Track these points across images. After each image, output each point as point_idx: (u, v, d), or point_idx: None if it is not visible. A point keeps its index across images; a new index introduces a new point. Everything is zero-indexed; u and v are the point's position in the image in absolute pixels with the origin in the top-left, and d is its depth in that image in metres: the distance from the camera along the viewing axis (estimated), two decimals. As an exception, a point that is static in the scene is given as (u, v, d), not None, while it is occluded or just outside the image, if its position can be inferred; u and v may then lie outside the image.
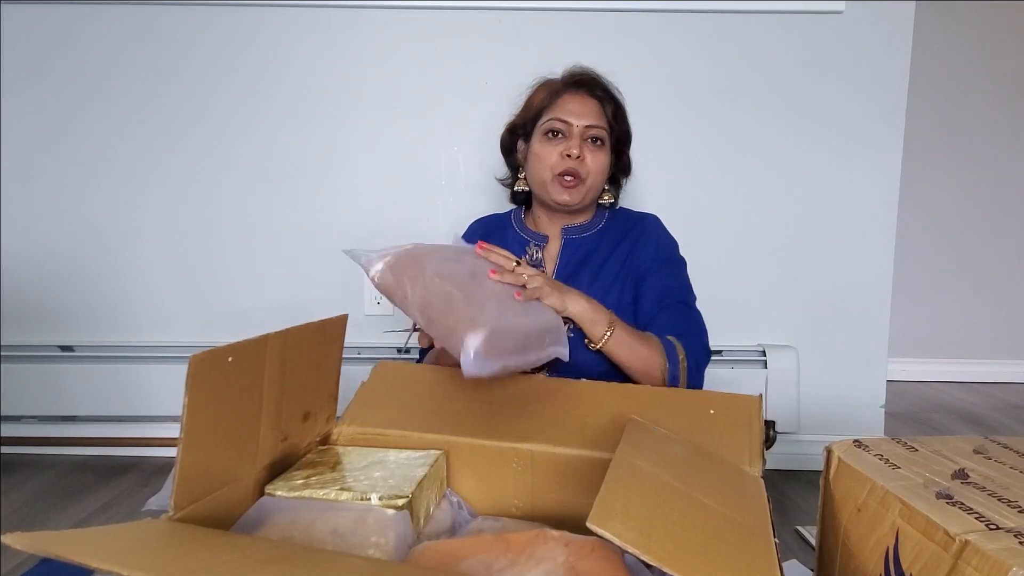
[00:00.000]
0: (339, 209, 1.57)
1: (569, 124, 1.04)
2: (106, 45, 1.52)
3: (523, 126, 1.11)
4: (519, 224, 1.16)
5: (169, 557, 0.47)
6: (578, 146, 1.03)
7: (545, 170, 1.05)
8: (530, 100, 1.11)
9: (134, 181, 1.56)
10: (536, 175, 1.08)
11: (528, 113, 1.09)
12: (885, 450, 0.61)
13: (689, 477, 0.59)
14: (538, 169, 1.07)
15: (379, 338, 1.58)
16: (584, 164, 1.04)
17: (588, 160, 1.04)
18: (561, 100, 1.06)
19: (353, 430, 0.81)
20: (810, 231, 1.55)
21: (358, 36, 1.52)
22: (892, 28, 1.50)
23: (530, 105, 1.10)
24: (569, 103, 1.06)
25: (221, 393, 0.59)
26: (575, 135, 1.04)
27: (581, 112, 1.05)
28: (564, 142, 1.04)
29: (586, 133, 1.05)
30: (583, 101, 1.06)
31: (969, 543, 0.44)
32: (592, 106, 1.06)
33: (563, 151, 1.03)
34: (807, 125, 1.53)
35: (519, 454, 0.75)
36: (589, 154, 1.04)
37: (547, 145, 1.05)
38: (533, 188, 1.11)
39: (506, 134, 1.16)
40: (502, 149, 1.18)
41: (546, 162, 1.05)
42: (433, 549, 0.59)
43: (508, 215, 1.19)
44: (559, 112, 1.05)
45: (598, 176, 1.06)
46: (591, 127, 1.05)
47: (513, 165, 1.18)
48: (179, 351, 1.56)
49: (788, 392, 1.53)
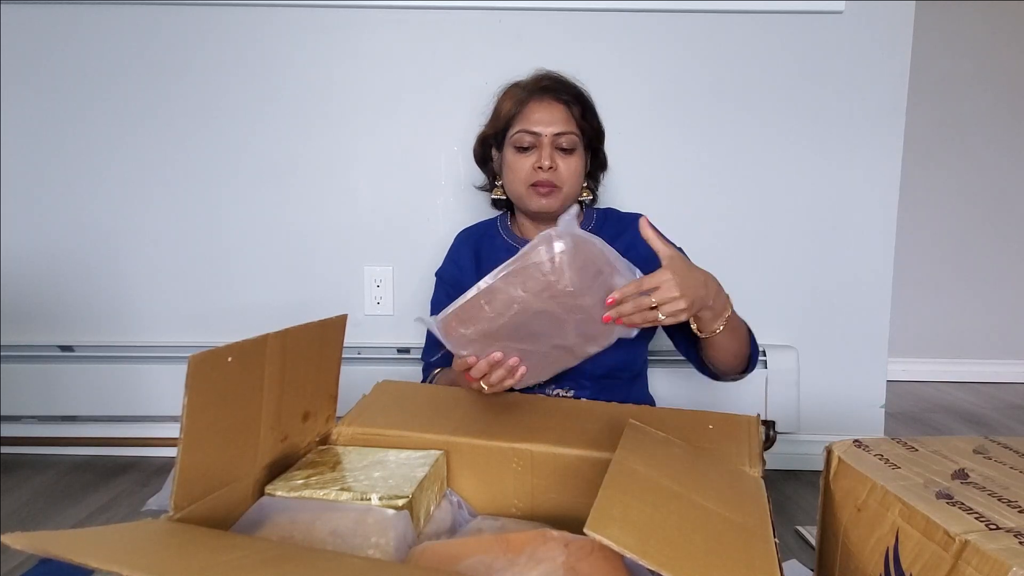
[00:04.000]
0: (339, 209, 1.57)
1: (538, 135, 1.03)
2: (106, 45, 1.52)
3: (494, 136, 1.11)
4: (505, 231, 1.15)
5: (169, 557, 0.47)
6: (549, 156, 1.03)
7: (519, 182, 1.05)
8: (497, 110, 1.10)
9: (134, 181, 1.56)
10: (511, 186, 1.08)
11: (497, 123, 1.09)
12: (885, 450, 0.61)
13: (688, 479, 0.59)
14: (512, 181, 1.07)
15: (379, 338, 1.58)
16: (557, 173, 1.04)
17: (561, 168, 1.04)
18: (527, 109, 1.05)
19: (353, 430, 0.81)
20: (810, 231, 1.55)
21: (358, 36, 1.52)
22: (892, 28, 1.49)
23: (498, 115, 1.09)
24: (535, 112, 1.05)
25: (221, 393, 0.59)
26: (545, 145, 1.03)
27: (548, 120, 1.04)
28: (535, 153, 1.04)
29: (556, 141, 1.04)
30: (549, 108, 1.05)
31: (969, 543, 0.44)
32: (559, 112, 1.05)
33: (535, 163, 1.03)
34: (807, 125, 1.53)
35: (519, 454, 0.75)
36: (561, 162, 1.04)
37: (519, 157, 1.05)
38: (511, 198, 1.11)
39: (478, 145, 1.16)
40: (476, 160, 1.18)
41: (519, 174, 1.05)
42: (433, 549, 0.59)
43: (493, 222, 1.19)
44: (526, 123, 1.04)
45: (573, 180, 1.06)
46: (560, 134, 1.04)
47: (490, 174, 1.18)
48: (179, 351, 1.55)
49: (788, 392, 1.53)
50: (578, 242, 0.75)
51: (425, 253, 1.54)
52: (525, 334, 0.79)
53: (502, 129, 1.08)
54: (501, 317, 0.77)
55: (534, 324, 0.78)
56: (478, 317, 0.77)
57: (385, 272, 1.58)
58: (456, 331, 0.78)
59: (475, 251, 1.15)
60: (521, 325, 0.78)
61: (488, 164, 1.17)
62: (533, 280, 0.75)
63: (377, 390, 0.90)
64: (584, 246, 0.76)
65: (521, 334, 0.79)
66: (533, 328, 0.78)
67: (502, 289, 0.76)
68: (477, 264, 1.13)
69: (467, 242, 1.18)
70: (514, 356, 0.79)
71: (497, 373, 0.79)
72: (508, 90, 1.11)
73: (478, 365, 0.78)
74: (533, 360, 0.82)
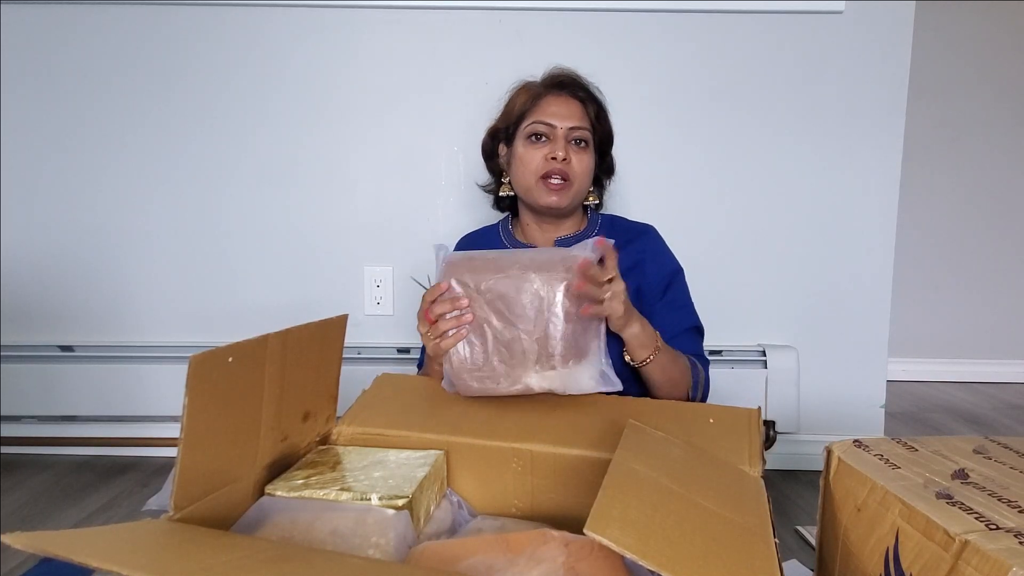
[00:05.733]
0: (339, 209, 1.57)
1: (552, 127, 1.03)
2: (106, 45, 1.52)
3: (505, 130, 1.10)
4: (507, 235, 1.15)
5: (169, 557, 0.47)
6: (563, 148, 1.02)
7: (529, 174, 1.04)
8: (511, 104, 1.09)
9: (134, 181, 1.56)
10: (521, 179, 1.07)
11: (510, 117, 1.08)
12: (885, 450, 0.61)
13: (688, 479, 0.59)
14: (522, 173, 1.05)
15: (379, 338, 1.58)
16: (570, 166, 1.03)
17: (574, 162, 1.03)
18: (543, 102, 1.05)
19: (353, 430, 0.81)
20: (810, 231, 1.55)
21: (358, 36, 1.52)
22: (892, 28, 1.50)
23: (511, 109, 1.09)
24: (551, 105, 1.05)
25: (221, 393, 0.59)
26: (559, 137, 1.03)
27: (564, 114, 1.04)
28: (548, 145, 1.03)
29: (570, 135, 1.04)
30: (566, 103, 1.05)
31: (969, 543, 0.44)
32: (575, 107, 1.05)
33: (548, 154, 1.03)
34: (807, 125, 1.53)
35: (519, 454, 0.75)
36: (574, 156, 1.04)
37: (531, 148, 1.04)
38: (518, 193, 1.10)
39: (487, 139, 1.15)
40: (483, 154, 1.17)
41: (530, 166, 1.04)
42: (433, 549, 0.59)
43: (495, 227, 1.18)
44: (542, 115, 1.04)
45: (584, 177, 1.06)
46: (575, 128, 1.04)
47: (495, 170, 1.17)
48: (179, 351, 1.55)
49: (788, 392, 1.53)
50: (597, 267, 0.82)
51: (425, 253, 1.53)
52: (505, 306, 0.81)
53: (514, 122, 1.07)
54: (499, 271, 0.81)
55: (518, 304, 0.81)
56: (482, 266, 0.83)
57: (385, 272, 1.58)
58: (457, 269, 0.84)
59: None
60: (509, 293, 0.81)
61: (494, 159, 1.15)
62: (551, 267, 0.80)
63: (378, 383, 0.90)
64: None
65: (504, 303, 0.81)
66: (515, 307, 0.81)
67: (520, 254, 0.83)
68: None
69: (468, 248, 1.17)
70: (469, 315, 0.83)
71: (450, 321, 0.82)
72: (522, 85, 1.10)
73: (442, 301, 0.83)
74: (491, 343, 0.83)
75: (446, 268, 0.85)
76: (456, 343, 0.83)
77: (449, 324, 0.83)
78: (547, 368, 0.81)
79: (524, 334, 0.81)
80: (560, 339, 0.80)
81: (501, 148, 1.13)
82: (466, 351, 0.83)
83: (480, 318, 0.82)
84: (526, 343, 0.81)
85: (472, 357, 0.83)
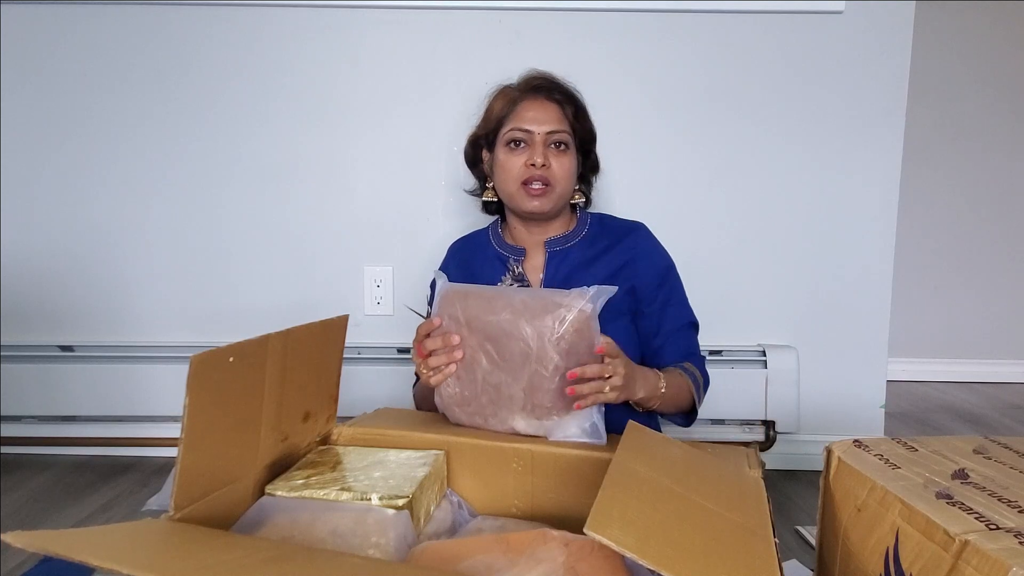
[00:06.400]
0: (339, 209, 1.57)
1: (530, 132, 1.03)
2: (106, 45, 1.52)
3: (485, 136, 1.10)
4: (497, 239, 1.14)
5: (169, 556, 0.47)
6: (542, 154, 1.02)
7: (511, 181, 1.05)
8: (489, 110, 1.10)
9: (134, 181, 1.56)
10: (503, 186, 1.07)
11: (489, 123, 1.09)
12: (885, 450, 0.61)
13: (688, 479, 0.59)
14: (504, 180, 1.06)
15: (379, 338, 1.58)
16: (550, 171, 1.03)
17: (554, 166, 1.03)
18: (520, 108, 1.05)
19: (353, 430, 0.81)
20: (810, 231, 1.55)
21: (358, 36, 1.52)
22: (892, 28, 1.49)
23: (489, 115, 1.09)
24: (528, 110, 1.05)
25: (222, 393, 0.59)
26: (538, 143, 1.03)
27: (542, 118, 1.04)
28: (527, 151, 1.04)
29: (548, 139, 1.04)
30: (542, 107, 1.05)
31: (969, 543, 0.44)
32: (552, 111, 1.05)
33: (527, 160, 1.03)
34: (807, 125, 1.53)
35: (519, 454, 0.75)
36: (554, 160, 1.04)
37: (511, 155, 1.04)
38: (502, 199, 1.11)
39: (468, 146, 1.15)
40: (466, 161, 1.18)
41: (511, 172, 1.04)
42: (433, 549, 0.59)
43: (485, 232, 1.18)
44: (519, 121, 1.04)
45: (566, 181, 1.06)
46: (553, 132, 1.04)
47: (480, 176, 1.17)
48: (179, 351, 1.55)
49: (788, 392, 1.53)
50: (593, 321, 0.80)
51: (425, 253, 1.54)
52: (495, 349, 0.81)
53: (493, 129, 1.08)
54: (491, 314, 0.80)
55: (507, 350, 0.80)
56: (475, 305, 0.82)
57: (385, 272, 1.58)
58: (452, 303, 0.83)
59: (465, 264, 1.15)
60: (500, 337, 0.80)
61: (478, 166, 1.16)
62: (542, 316, 0.79)
63: (377, 413, 0.91)
64: (591, 329, 0.80)
65: (494, 345, 0.81)
66: (504, 353, 0.81)
67: (514, 295, 0.82)
68: (466, 278, 1.12)
69: (456, 256, 1.18)
70: (459, 352, 0.83)
71: (441, 357, 0.83)
72: (500, 90, 1.10)
73: (434, 337, 0.84)
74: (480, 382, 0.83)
75: (440, 302, 0.85)
76: (445, 379, 0.84)
77: (440, 360, 0.84)
78: (532, 417, 0.81)
79: (512, 379, 0.81)
80: (546, 391, 0.80)
81: (484, 154, 1.13)
82: (456, 387, 0.84)
83: (470, 357, 0.83)
84: (513, 389, 0.81)
85: (461, 392, 0.84)
